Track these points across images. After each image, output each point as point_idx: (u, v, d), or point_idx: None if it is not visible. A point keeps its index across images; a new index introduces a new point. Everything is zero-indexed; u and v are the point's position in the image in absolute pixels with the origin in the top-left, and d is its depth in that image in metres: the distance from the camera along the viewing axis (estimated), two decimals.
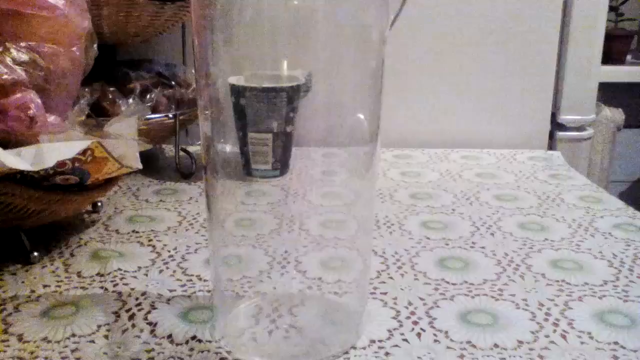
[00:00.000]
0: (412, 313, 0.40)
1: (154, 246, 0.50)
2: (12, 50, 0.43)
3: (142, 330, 0.38)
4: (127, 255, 0.48)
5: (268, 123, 0.36)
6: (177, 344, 0.36)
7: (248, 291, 0.39)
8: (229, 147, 0.36)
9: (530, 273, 0.46)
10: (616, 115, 1.33)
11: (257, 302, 0.39)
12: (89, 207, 0.57)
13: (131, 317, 0.39)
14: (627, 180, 1.68)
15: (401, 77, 0.83)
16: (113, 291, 0.42)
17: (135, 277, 0.44)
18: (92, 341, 0.36)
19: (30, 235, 0.47)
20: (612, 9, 1.57)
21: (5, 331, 0.37)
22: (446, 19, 0.81)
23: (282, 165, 0.38)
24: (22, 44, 0.43)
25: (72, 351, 0.35)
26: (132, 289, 0.43)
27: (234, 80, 0.35)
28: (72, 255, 0.48)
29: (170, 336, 0.37)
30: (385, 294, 0.42)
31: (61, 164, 0.41)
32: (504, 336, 0.37)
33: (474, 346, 0.36)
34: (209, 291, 0.42)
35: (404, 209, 0.59)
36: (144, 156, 0.55)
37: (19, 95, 0.43)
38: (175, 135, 0.68)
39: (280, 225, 0.39)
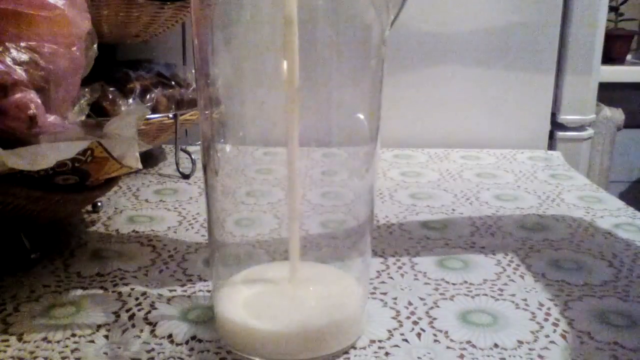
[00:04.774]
0: (412, 313, 0.40)
1: (154, 246, 0.50)
2: (12, 50, 0.43)
3: (142, 330, 0.38)
4: (127, 255, 0.48)
5: None
6: (177, 344, 0.36)
7: None
8: (229, 147, 0.36)
9: (530, 273, 0.46)
10: (616, 115, 1.34)
11: None
12: (89, 207, 0.57)
13: (131, 317, 0.39)
14: (627, 180, 1.68)
15: (401, 77, 0.83)
16: (113, 291, 0.42)
17: (135, 277, 0.44)
18: (92, 341, 0.36)
19: (30, 235, 0.47)
20: (612, 9, 1.58)
21: (5, 331, 0.37)
22: (446, 19, 0.81)
23: None
24: (22, 44, 0.43)
25: (72, 351, 0.35)
26: (132, 289, 0.43)
27: None
28: (72, 255, 0.48)
29: (170, 336, 0.37)
30: (385, 294, 0.42)
31: (61, 164, 0.41)
32: (504, 336, 0.37)
33: (474, 346, 0.36)
34: (209, 291, 0.42)
35: (404, 209, 0.59)
36: (144, 156, 0.55)
37: (19, 95, 0.43)
38: (175, 135, 0.68)
39: (280, 225, 0.39)
